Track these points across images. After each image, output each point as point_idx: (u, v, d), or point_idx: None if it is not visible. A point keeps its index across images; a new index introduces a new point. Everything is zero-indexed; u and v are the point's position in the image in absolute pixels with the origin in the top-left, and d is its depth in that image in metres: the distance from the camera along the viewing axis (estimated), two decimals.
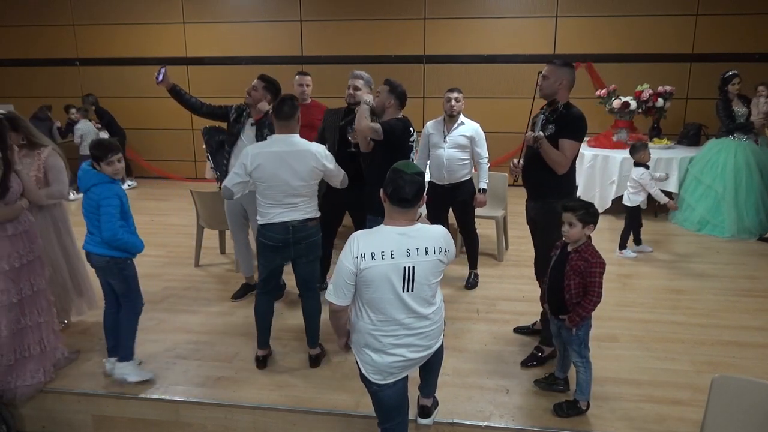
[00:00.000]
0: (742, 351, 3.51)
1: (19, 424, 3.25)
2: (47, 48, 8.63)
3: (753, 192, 5.69)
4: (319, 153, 3.22)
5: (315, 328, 3.41)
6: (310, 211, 3.27)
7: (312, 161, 3.18)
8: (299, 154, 3.15)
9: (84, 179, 3.03)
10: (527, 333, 3.72)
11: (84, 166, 3.07)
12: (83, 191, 3.05)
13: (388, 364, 2.32)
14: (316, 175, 3.23)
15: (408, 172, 2.24)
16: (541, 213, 3.33)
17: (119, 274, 3.12)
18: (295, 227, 3.21)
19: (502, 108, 7.82)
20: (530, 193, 3.46)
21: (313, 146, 3.23)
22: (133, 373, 3.18)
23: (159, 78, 3.89)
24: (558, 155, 3.16)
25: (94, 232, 3.05)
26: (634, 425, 2.83)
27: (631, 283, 4.61)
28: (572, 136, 3.18)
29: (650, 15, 7.33)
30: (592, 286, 2.72)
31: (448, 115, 4.34)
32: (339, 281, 2.25)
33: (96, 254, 3.07)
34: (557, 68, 3.22)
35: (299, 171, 3.14)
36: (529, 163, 3.38)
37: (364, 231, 2.31)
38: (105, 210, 2.98)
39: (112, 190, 3.02)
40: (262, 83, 3.95)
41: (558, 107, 3.23)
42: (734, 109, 5.77)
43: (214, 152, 4.20)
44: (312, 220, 3.29)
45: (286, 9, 8.03)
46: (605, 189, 6.35)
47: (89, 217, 3.06)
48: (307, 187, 3.22)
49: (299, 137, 3.24)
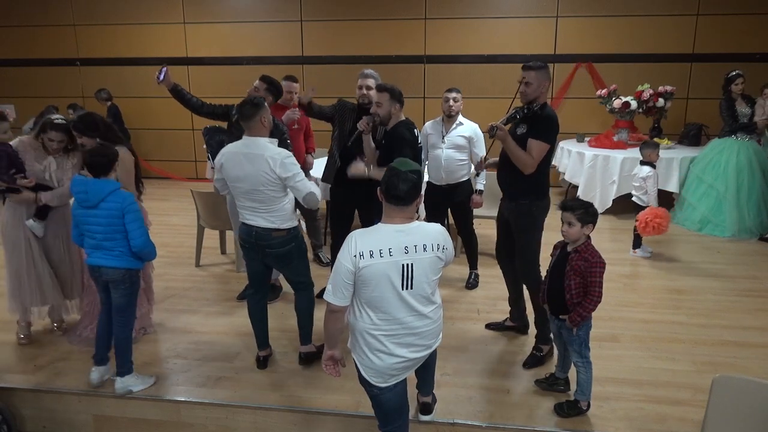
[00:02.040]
0: (743, 351, 3.51)
1: (20, 424, 3.25)
2: (48, 48, 8.63)
3: (754, 192, 5.69)
4: (273, 159, 2.96)
5: (305, 325, 3.38)
6: (274, 220, 3.08)
7: (262, 166, 2.96)
8: (252, 157, 3.00)
9: (95, 191, 2.88)
10: (499, 329, 3.77)
11: (82, 178, 2.93)
12: (92, 204, 2.89)
13: (390, 365, 2.31)
14: (265, 182, 2.99)
15: (403, 170, 2.24)
16: (514, 214, 3.35)
17: (131, 287, 3.05)
18: (258, 233, 3.11)
19: (502, 108, 7.73)
20: (504, 193, 3.47)
21: (269, 151, 2.99)
22: (137, 383, 3.17)
23: (160, 77, 3.88)
24: (524, 155, 3.14)
25: (110, 246, 2.92)
26: (634, 425, 2.83)
27: (631, 283, 4.61)
28: (542, 137, 3.15)
29: (651, 15, 7.32)
30: (592, 286, 2.72)
31: (446, 115, 4.34)
32: (338, 281, 2.24)
33: (111, 267, 2.95)
34: (539, 73, 3.18)
35: (250, 175, 3.00)
36: (503, 162, 3.37)
37: (361, 230, 2.30)
38: (134, 216, 2.91)
39: (130, 195, 2.95)
40: (264, 84, 3.94)
41: (534, 107, 3.20)
42: (738, 109, 5.76)
43: (214, 152, 4.19)
44: (279, 231, 3.10)
45: (286, 9, 8.03)
46: (606, 189, 6.35)
47: (104, 230, 2.91)
48: (259, 193, 3.02)
49: (264, 140, 3.06)
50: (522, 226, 3.33)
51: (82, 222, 2.96)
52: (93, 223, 2.92)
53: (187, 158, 8.80)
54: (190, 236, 5.23)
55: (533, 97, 3.20)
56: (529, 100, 3.21)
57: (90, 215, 2.92)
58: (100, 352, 3.19)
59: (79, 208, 2.95)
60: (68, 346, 3.62)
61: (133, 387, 3.14)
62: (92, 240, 2.96)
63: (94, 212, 2.90)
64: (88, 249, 3.01)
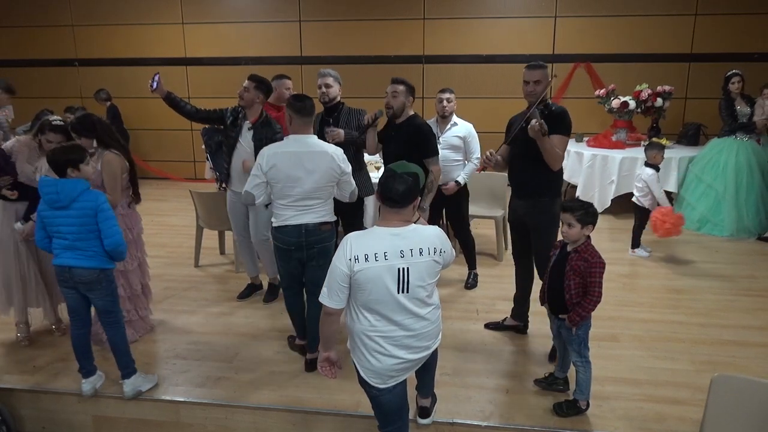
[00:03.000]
0: (742, 350, 3.52)
1: (19, 425, 3.25)
2: (46, 48, 8.62)
3: (753, 191, 5.70)
4: (336, 155, 3.13)
5: (316, 332, 3.37)
6: (324, 214, 3.18)
7: (328, 162, 3.10)
8: (315, 155, 3.08)
9: (66, 191, 2.81)
10: (498, 329, 3.75)
11: (51, 179, 2.86)
12: (63, 205, 2.82)
13: (389, 367, 2.31)
14: (331, 178, 3.14)
15: (398, 172, 2.24)
16: (534, 213, 3.34)
17: (107, 287, 2.98)
18: (308, 230, 3.13)
19: (501, 108, 7.78)
20: (517, 192, 3.47)
21: (330, 148, 3.15)
22: (144, 382, 3.16)
23: (153, 86, 3.86)
24: (556, 151, 3.18)
25: (83, 246, 2.86)
26: (633, 425, 2.83)
27: (630, 282, 4.61)
28: (563, 131, 3.23)
29: (649, 15, 7.33)
30: (592, 286, 2.72)
31: (440, 116, 4.36)
32: (333, 284, 2.24)
33: (83, 268, 2.88)
34: (544, 71, 3.25)
35: (314, 172, 3.06)
36: (515, 160, 3.36)
37: (357, 233, 2.30)
38: (107, 215, 2.86)
39: (102, 194, 2.91)
40: (252, 83, 3.91)
41: (549, 104, 3.25)
42: (737, 108, 5.77)
43: (213, 153, 4.20)
44: (326, 224, 3.20)
45: (285, 9, 8.03)
46: (604, 189, 6.35)
47: (77, 230, 2.85)
48: (322, 190, 3.13)
49: (317, 138, 3.19)
50: (543, 224, 3.33)
51: (51, 224, 2.87)
52: (64, 224, 2.85)
53: (186, 159, 8.79)
54: (189, 237, 5.22)
55: (541, 96, 3.23)
56: (537, 98, 3.22)
57: (60, 216, 2.84)
58: (84, 364, 3.12)
59: (48, 210, 2.86)
60: (67, 347, 3.58)
61: (141, 387, 3.13)
62: (63, 241, 2.87)
63: (66, 212, 2.84)
64: (58, 250, 2.90)
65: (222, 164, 4.10)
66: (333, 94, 3.92)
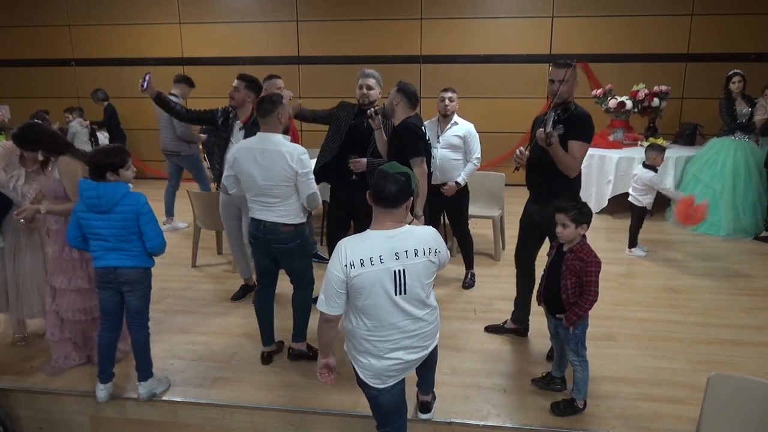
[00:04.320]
0: (739, 349, 3.53)
1: (16, 426, 3.24)
2: (43, 49, 8.61)
3: (750, 192, 5.72)
4: (290, 155, 3.02)
5: (300, 323, 3.40)
6: (285, 215, 3.12)
7: (280, 162, 3.02)
8: (269, 152, 3.04)
9: (108, 196, 2.79)
10: (499, 332, 3.70)
11: (91, 183, 2.82)
12: (105, 210, 2.80)
13: (387, 367, 2.31)
14: (284, 177, 3.04)
15: (390, 172, 2.22)
16: (551, 218, 3.25)
17: (148, 287, 3.02)
18: (266, 227, 3.13)
19: (499, 108, 7.84)
20: (535, 197, 3.37)
21: (286, 147, 3.06)
22: (159, 385, 3.14)
23: (143, 86, 3.85)
24: (569, 158, 3.07)
25: (127, 247, 2.87)
26: (630, 424, 2.83)
27: (627, 282, 4.62)
28: (583, 138, 3.10)
29: (646, 15, 7.35)
30: (588, 285, 2.73)
31: (441, 115, 4.35)
32: (329, 290, 2.21)
33: (129, 267, 2.89)
34: (572, 70, 3.08)
35: (267, 169, 3.04)
36: (534, 164, 3.24)
37: (350, 237, 2.27)
38: (149, 217, 2.87)
39: (143, 196, 2.90)
40: (243, 83, 3.89)
41: (570, 107, 3.13)
42: (737, 108, 5.78)
43: (210, 152, 4.19)
44: (287, 226, 3.13)
45: (282, 9, 8.03)
46: (601, 188, 6.37)
47: (119, 233, 2.84)
48: (277, 188, 3.07)
49: (280, 137, 3.12)
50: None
51: (88, 226, 2.85)
52: (105, 227, 2.83)
53: None
54: (187, 237, 5.22)
55: (568, 96, 3.12)
56: (564, 99, 3.11)
57: (101, 219, 2.82)
58: (106, 369, 3.07)
59: (86, 212, 2.83)
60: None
61: (156, 390, 3.11)
62: (106, 243, 2.86)
63: (107, 216, 2.82)
64: (100, 252, 2.88)
65: (215, 167, 4.10)
66: (374, 96, 3.84)
